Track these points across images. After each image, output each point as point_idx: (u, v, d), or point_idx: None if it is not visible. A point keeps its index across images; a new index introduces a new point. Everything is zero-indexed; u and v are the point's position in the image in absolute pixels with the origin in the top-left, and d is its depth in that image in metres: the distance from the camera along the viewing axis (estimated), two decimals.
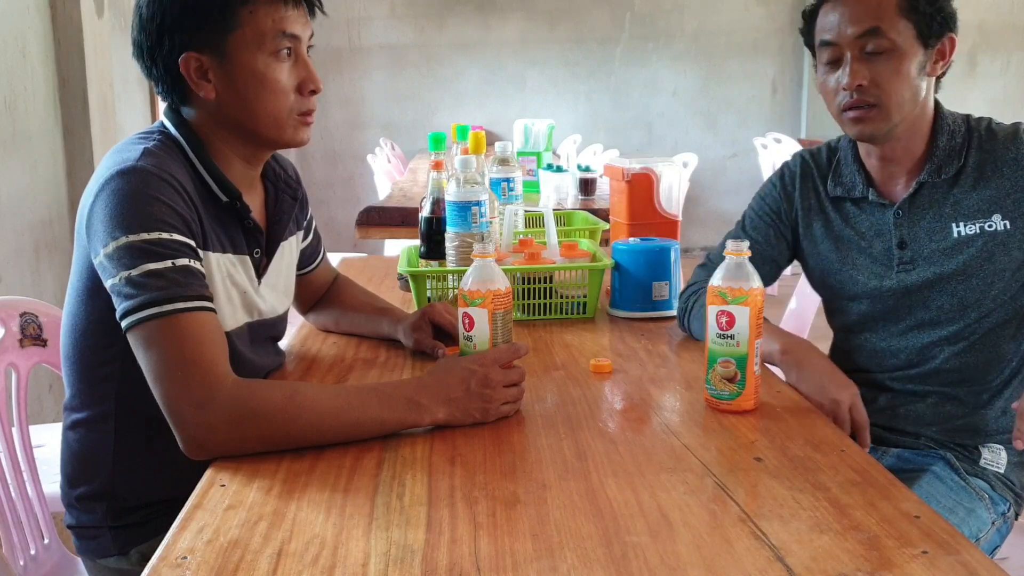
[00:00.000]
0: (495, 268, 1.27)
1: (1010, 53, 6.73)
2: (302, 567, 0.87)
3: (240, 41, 1.25)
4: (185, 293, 1.15)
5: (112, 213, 1.16)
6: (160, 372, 1.13)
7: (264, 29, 1.26)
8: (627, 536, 0.91)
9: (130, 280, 1.14)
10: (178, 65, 1.26)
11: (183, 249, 1.18)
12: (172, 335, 1.13)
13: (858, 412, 1.37)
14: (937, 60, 1.43)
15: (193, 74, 1.26)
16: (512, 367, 1.26)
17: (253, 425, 1.12)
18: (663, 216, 2.00)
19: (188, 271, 1.17)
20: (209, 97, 1.27)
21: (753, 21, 6.66)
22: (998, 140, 1.45)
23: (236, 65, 1.26)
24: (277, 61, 1.28)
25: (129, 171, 1.19)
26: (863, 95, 1.41)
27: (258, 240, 1.38)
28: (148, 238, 1.15)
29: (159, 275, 1.14)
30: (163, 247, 1.16)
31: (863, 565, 0.85)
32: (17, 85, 2.81)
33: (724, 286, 1.23)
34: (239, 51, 1.25)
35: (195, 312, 1.15)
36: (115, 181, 1.18)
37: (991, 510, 1.46)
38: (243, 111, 1.28)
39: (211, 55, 1.25)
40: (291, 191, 1.47)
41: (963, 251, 1.44)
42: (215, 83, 1.27)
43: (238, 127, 1.30)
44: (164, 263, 1.15)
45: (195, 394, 1.12)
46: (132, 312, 1.14)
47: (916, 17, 1.39)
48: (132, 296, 1.14)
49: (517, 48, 6.68)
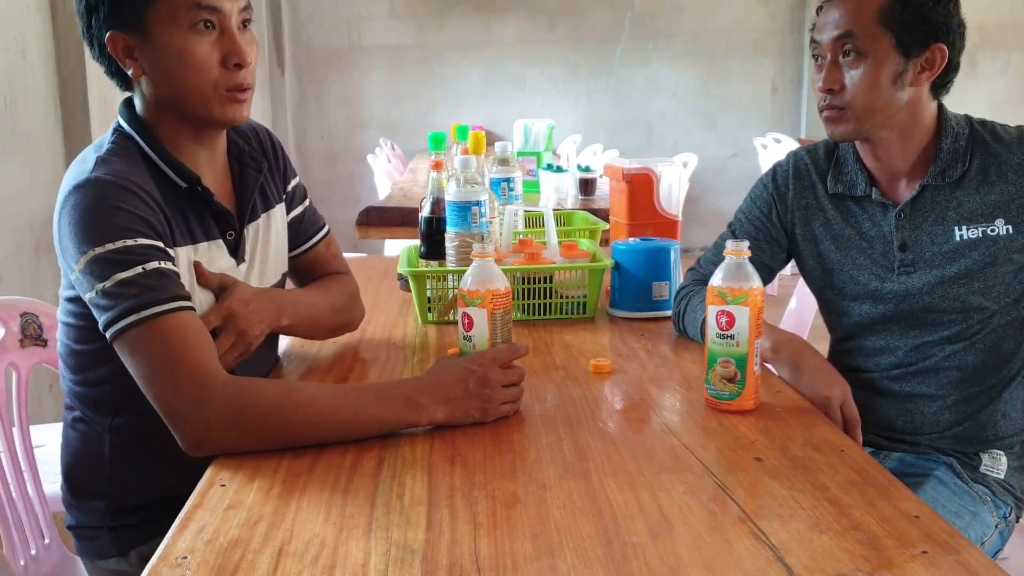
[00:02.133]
0: (494, 268, 1.27)
1: (1010, 53, 6.72)
2: (302, 567, 0.87)
3: (155, 17, 1.22)
4: (160, 296, 1.15)
5: (76, 228, 1.17)
6: (150, 377, 1.14)
7: (177, 4, 1.22)
8: (627, 536, 0.91)
9: (104, 292, 1.15)
10: (103, 48, 1.26)
11: (151, 252, 1.18)
12: (154, 340, 1.14)
13: (849, 409, 1.37)
14: (923, 70, 1.41)
15: (121, 54, 1.25)
16: (511, 367, 1.26)
17: (250, 421, 1.13)
18: (663, 216, 2.00)
19: (160, 274, 1.17)
20: (138, 76, 1.26)
21: (753, 21, 6.65)
22: (1003, 144, 1.44)
23: (156, 42, 1.23)
24: (195, 35, 1.23)
25: (84, 184, 1.19)
26: (833, 99, 1.42)
27: (229, 222, 1.36)
28: (114, 248, 1.15)
29: (131, 283, 1.15)
30: (131, 254, 1.16)
31: (863, 565, 0.85)
32: (17, 85, 2.80)
33: (724, 286, 1.23)
34: (157, 27, 1.23)
35: (173, 313, 1.16)
36: (74, 196, 1.19)
37: (994, 514, 1.46)
38: (169, 89, 1.26)
39: (133, 33, 1.24)
40: (255, 163, 1.42)
41: (965, 255, 1.44)
42: (141, 62, 1.25)
43: (172, 107, 1.28)
44: (134, 270, 1.15)
45: (188, 394, 1.12)
46: (112, 323, 1.15)
47: (895, 26, 1.37)
48: (109, 308, 1.15)
49: (517, 48, 6.68)
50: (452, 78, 6.68)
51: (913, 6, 1.37)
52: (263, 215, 1.44)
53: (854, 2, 1.39)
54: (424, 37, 6.62)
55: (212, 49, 1.25)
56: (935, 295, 1.46)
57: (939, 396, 1.50)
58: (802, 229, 1.59)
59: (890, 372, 1.53)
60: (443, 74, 6.68)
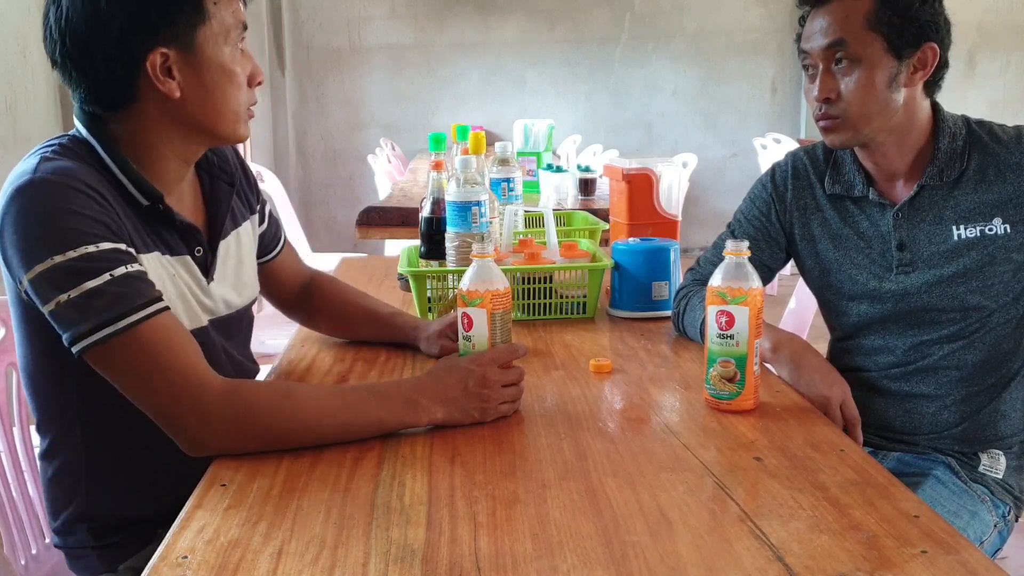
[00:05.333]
0: (494, 268, 1.28)
1: (1010, 53, 6.72)
2: (302, 567, 0.87)
3: (208, 35, 1.19)
4: (134, 303, 1.09)
5: (27, 237, 1.09)
6: (140, 387, 1.11)
7: (228, 21, 1.21)
8: (627, 536, 0.91)
9: (71, 303, 1.07)
10: (140, 63, 1.17)
11: (116, 256, 1.11)
12: (138, 350, 1.09)
13: (849, 408, 1.37)
14: (916, 70, 1.41)
15: (160, 72, 1.18)
16: (511, 367, 1.26)
17: (250, 422, 1.12)
18: (663, 216, 2.00)
19: (128, 279, 1.10)
20: (172, 96, 1.19)
21: (753, 21, 6.65)
22: (1002, 144, 1.44)
23: (204, 59, 1.20)
24: (237, 53, 1.23)
25: (27, 186, 1.10)
26: (830, 108, 1.41)
27: (196, 238, 1.30)
28: (76, 255, 1.08)
29: (100, 293, 1.08)
30: (95, 260, 1.08)
31: (862, 565, 0.85)
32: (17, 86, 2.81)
33: (724, 286, 1.24)
34: (207, 45, 1.20)
35: (151, 318, 1.10)
36: (17, 201, 1.10)
37: (992, 513, 1.46)
38: (206, 106, 1.22)
39: (179, 50, 1.18)
40: (227, 177, 1.38)
41: (963, 254, 1.44)
42: (180, 80, 1.19)
43: (194, 124, 1.23)
44: (102, 278, 1.08)
45: (184, 399, 1.10)
46: (83, 337, 1.08)
47: (885, 30, 1.37)
48: (79, 321, 1.08)
49: (517, 48, 6.68)
50: (452, 78, 6.68)
51: (901, 8, 1.37)
52: (233, 232, 1.40)
53: (841, 10, 1.39)
54: (424, 37, 6.62)
55: (243, 68, 1.25)
56: (933, 294, 1.46)
57: (938, 396, 1.50)
58: (801, 229, 1.59)
59: (889, 371, 1.53)
60: (443, 74, 6.68)
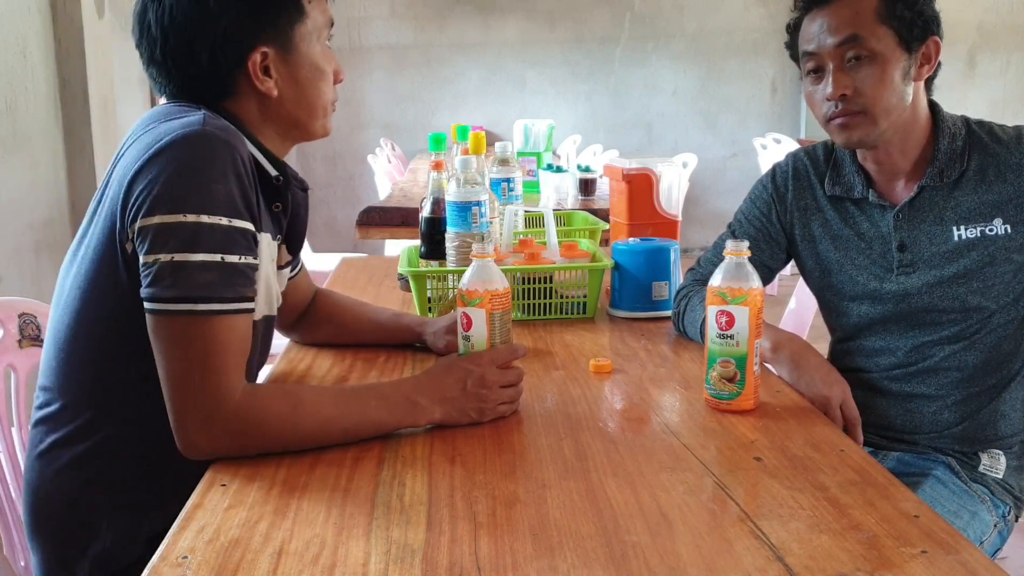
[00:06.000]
0: (494, 268, 1.27)
1: (1010, 53, 6.73)
2: (302, 567, 0.87)
3: (304, 32, 1.24)
4: (226, 294, 1.09)
5: (174, 180, 1.08)
6: (177, 373, 1.09)
7: (320, 19, 1.26)
8: (627, 536, 0.91)
9: (174, 264, 1.06)
10: (243, 61, 1.20)
11: (239, 241, 1.11)
12: (198, 337, 1.08)
13: (849, 408, 1.37)
14: (922, 64, 1.42)
15: (259, 71, 1.21)
16: (510, 367, 1.26)
17: (254, 436, 1.12)
18: (663, 216, 2.00)
19: (236, 269, 1.11)
20: (271, 94, 1.23)
21: (753, 21, 6.65)
22: (1002, 144, 1.44)
23: (300, 57, 1.24)
24: (327, 50, 1.28)
25: (195, 137, 1.10)
26: (848, 104, 1.40)
27: (281, 226, 1.32)
28: (207, 222, 1.08)
29: (204, 268, 1.07)
30: (219, 236, 1.09)
31: (862, 565, 0.85)
32: (18, 86, 2.81)
33: (724, 286, 1.24)
34: (303, 42, 1.24)
35: (231, 315, 1.10)
36: (180, 146, 1.09)
37: (992, 513, 1.46)
38: (300, 103, 1.26)
39: (278, 48, 1.22)
40: (301, 185, 1.38)
41: (964, 254, 1.44)
42: (277, 78, 1.23)
43: (288, 120, 1.27)
44: (214, 256, 1.08)
45: (203, 404, 1.09)
46: (163, 300, 1.07)
47: (896, 23, 1.38)
48: (168, 284, 1.07)
49: (517, 48, 6.68)
50: (452, 78, 6.69)
51: (910, 1, 1.37)
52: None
53: (850, 6, 1.39)
54: (424, 37, 6.62)
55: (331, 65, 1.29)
56: (934, 295, 1.46)
57: (939, 396, 1.50)
58: (801, 230, 1.59)
59: (890, 372, 1.53)
60: (443, 74, 6.68)
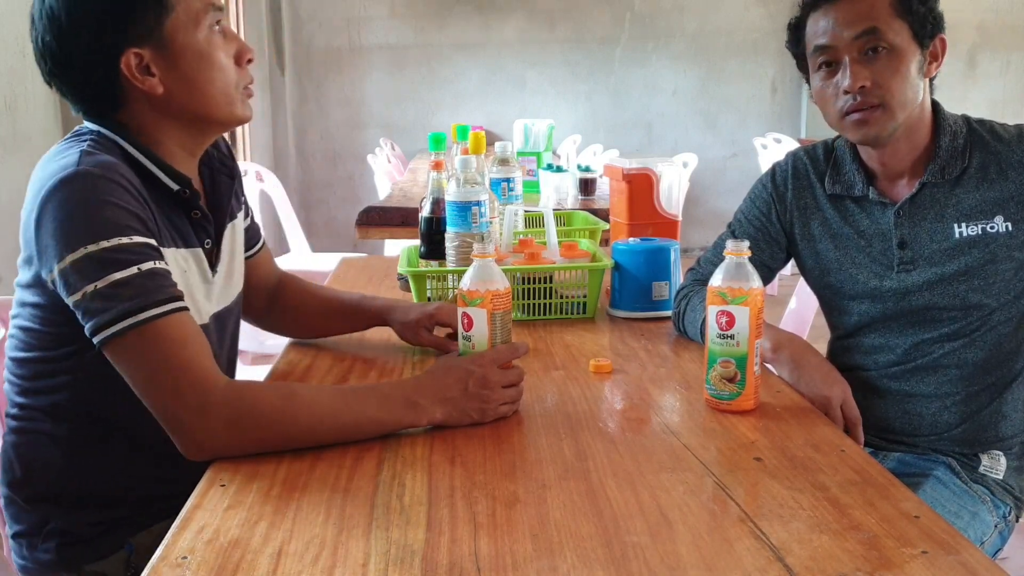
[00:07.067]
0: (494, 268, 1.27)
1: (1010, 53, 6.72)
2: (302, 567, 0.87)
3: (177, 24, 1.21)
4: (157, 298, 1.12)
5: (64, 225, 1.12)
6: (148, 382, 1.11)
7: (195, 7, 1.23)
8: (627, 536, 0.91)
9: (97, 293, 1.10)
10: (115, 68, 1.20)
11: (146, 252, 1.14)
12: (153, 343, 1.10)
13: (849, 408, 1.37)
14: (931, 61, 1.43)
15: (137, 72, 1.21)
16: (511, 367, 1.26)
17: (251, 426, 1.12)
18: (663, 216, 2.00)
19: (154, 274, 1.13)
20: (156, 92, 1.22)
21: (753, 21, 6.65)
22: (1003, 142, 1.45)
23: (178, 50, 1.22)
24: (213, 36, 1.25)
25: (72, 178, 1.13)
26: (866, 96, 1.39)
27: (207, 230, 1.33)
28: (108, 246, 1.11)
29: (126, 284, 1.10)
30: (125, 253, 1.12)
31: (863, 565, 0.85)
32: (17, 86, 2.80)
33: (724, 286, 1.23)
34: (178, 35, 1.22)
35: (170, 315, 1.12)
36: (60, 191, 1.13)
37: (993, 513, 1.46)
38: (193, 96, 1.24)
39: (150, 47, 1.21)
40: (227, 170, 1.41)
41: (964, 252, 1.44)
42: (159, 75, 1.22)
43: (187, 115, 1.26)
44: (129, 270, 1.11)
45: (189, 399, 1.10)
46: (104, 327, 1.10)
47: (910, 18, 1.39)
48: (102, 310, 1.10)
49: (517, 48, 6.68)
50: (452, 78, 6.68)
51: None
52: (229, 224, 1.42)
53: (864, 0, 1.40)
54: (424, 37, 6.62)
55: (226, 49, 1.27)
56: (935, 292, 1.46)
57: (938, 396, 1.50)
58: (801, 229, 1.59)
59: (889, 370, 1.53)
60: (443, 74, 6.68)
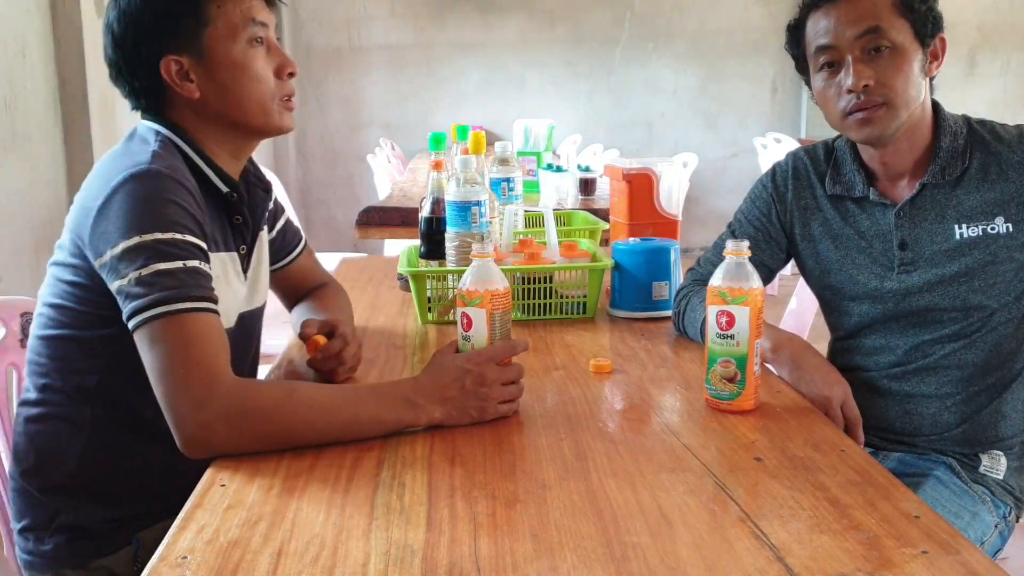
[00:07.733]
0: (493, 268, 1.27)
1: (1010, 53, 6.73)
2: (302, 567, 0.87)
3: (215, 36, 1.29)
4: (193, 294, 1.16)
5: (127, 215, 1.18)
6: (162, 369, 1.14)
7: (234, 20, 1.30)
8: (627, 536, 0.91)
9: (140, 280, 1.15)
10: (158, 72, 1.29)
11: (195, 251, 1.20)
12: (178, 334, 1.14)
13: (850, 408, 1.37)
14: (932, 61, 1.43)
15: (175, 77, 1.30)
16: (509, 364, 1.26)
17: (250, 423, 1.13)
18: (663, 216, 2.00)
19: (198, 273, 1.19)
20: (193, 97, 1.31)
21: (753, 21, 6.65)
22: (1004, 143, 1.45)
23: (215, 60, 1.30)
24: (252, 49, 1.32)
25: (143, 175, 1.21)
26: (870, 95, 1.39)
27: (244, 236, 1.41)
28: (162, 238, 1.17)
29: (169, 274, 1.16)
30: (176, 248, 1.18)
31: (863, 565, 0.85)
32: (17, 85, 2.81)
33: (724, 286, 1.23)
34: (215, 46, 1.30)
35: (201, 313, 1.17)
36: (130, 184, 1.20)
37: (993, 513, 1.46)
38: (229, 103, 1.32)
39: (189, 55, 1.29)
40: (263, 186, 1.48)
41: (965, 253, 1.44)
42: (197, 82, 1.30)
43: (225, 120, 1.33)
44: (175, 263, 1.17)
45: (194, 393, 1.12)
46: (140, 311, 1.15)
47: (912, 16, 1.39)
48: (140, 296, 1.15)
49: (517, 48, 6.68)
50: (452, 78, 6.69)
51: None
52: (260, 234, 1.49)
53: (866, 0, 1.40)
54: (424, 37, 6.62)
55: (266, 62, 1.34)
56: (935, 294, 1.46)
57: (938, 396, 1.50)
58: (801, 229, 1.59)
59: (889, 371, 1.53)
60: (443, 74, 6.68)
